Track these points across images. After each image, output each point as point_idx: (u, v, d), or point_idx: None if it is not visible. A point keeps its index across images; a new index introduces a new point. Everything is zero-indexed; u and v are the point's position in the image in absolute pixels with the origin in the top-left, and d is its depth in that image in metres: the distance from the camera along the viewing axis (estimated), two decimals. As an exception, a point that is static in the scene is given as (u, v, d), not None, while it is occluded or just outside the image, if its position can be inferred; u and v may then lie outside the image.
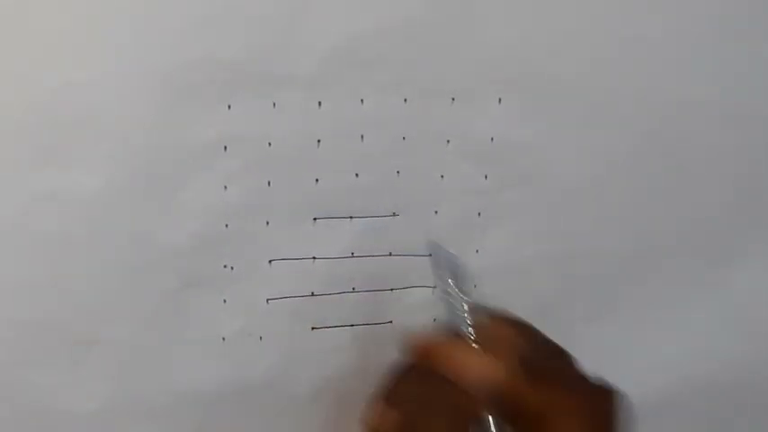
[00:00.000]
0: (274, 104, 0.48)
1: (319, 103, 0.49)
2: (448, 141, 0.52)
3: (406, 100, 0.51)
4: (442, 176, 0.53)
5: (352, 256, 0.52)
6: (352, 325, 0.52)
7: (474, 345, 0.47)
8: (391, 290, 0.53)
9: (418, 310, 0.54)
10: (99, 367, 0.50)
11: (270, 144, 0.49)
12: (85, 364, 0.49)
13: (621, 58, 0.54)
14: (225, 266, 0.50)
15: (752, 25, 0.56)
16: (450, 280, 0.48)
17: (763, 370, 0.62)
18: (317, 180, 0.50)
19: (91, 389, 0.50)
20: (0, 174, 0.45)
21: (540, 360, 0.47)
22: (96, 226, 0.47)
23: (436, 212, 0.53)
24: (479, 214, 0.54)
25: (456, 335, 0.47)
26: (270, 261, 0.51)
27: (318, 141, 0.50)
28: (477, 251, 0.55)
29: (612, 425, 0.46)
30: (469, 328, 0.47)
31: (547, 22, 0.52)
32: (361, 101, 0.50)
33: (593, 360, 0.58)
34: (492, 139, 0.53)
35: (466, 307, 0.48)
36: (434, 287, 0.50)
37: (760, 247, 0.60)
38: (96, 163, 0.46)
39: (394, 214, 0.52)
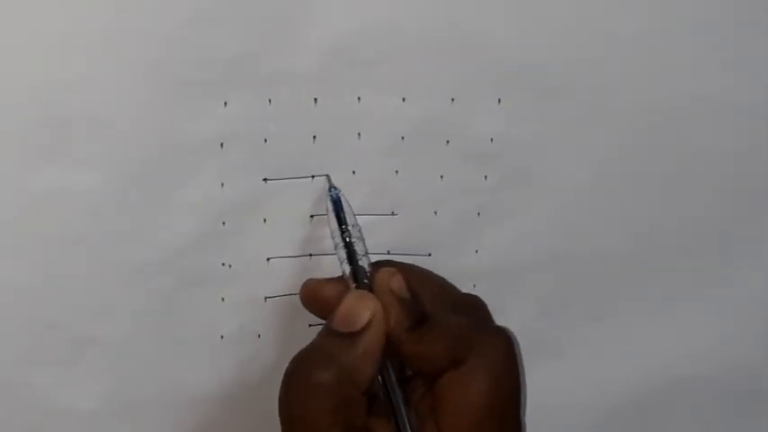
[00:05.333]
0: (270, 101, 0.49)
1: (315, 100, 0.49)
2: (447, 141, 0.52)
3: (404, 99, 0.51)
4: (441, 176, 0.53)
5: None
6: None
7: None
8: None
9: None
10: (97, 366, 0.50)
11: (266, 141, 0.49)
12: (83, 363, 0.49)
13: (622, 57, 0.54)
14: (223, 264, 0.50)
15: (752, 25, 0.56)
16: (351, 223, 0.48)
17: (763, 369, 0.61)
18: (312, 177, 0.51)
19: (89, 387, 0.50)
20: (-2, 173, 0.46)
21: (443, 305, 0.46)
22: (93, 224, 0.47)
23: (435, 212, 0.53)
24: (479, 214, 0.54)
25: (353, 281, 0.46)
26: (268, 259, 0.51)
27: (314, 138, 0.50)
28: (476, 251, 0.55)
29: (520, 366, 0.45)
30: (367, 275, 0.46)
31: (547, 21, 0.52)
32: (358, 98, 0.50)
33: (593, 360, 0.59)
34: (492, 139, 0.53)
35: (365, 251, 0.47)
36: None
37: (760, 247, 0.60)
38: (92, 161, 0.46)
39: (392, 213, 0.53)
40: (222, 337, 0.52)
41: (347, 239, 0.47)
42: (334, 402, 0.41)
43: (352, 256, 0.47)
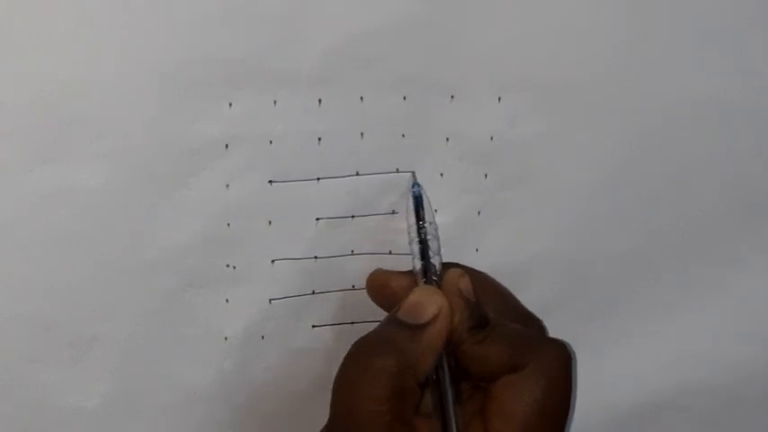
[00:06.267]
0: (275, 102, 0.48)
1: (319, 101, 0.49)
2: (447, 140, 0.52)
3: (405, 98, 0.51)
4: (441, 175, 0.53)
5: (353, 254, 0.52)
6: (353, 323, 0.52)
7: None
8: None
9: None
10: (100, 365, 0.50)
11: (271, 142, 0.49)
12: (87, 363, 0.49)
13: (622, 57, 0.54)
14: (227, 266, 0.51)
15: (753, 26, 0.56)
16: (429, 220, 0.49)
17: (763, 371, 0.62)
18: (318, 179, 0.51)
19: (92, 387, 0.50)
20: (0, 172, 0.46)
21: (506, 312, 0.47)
22: (98, 225, 0.47)
23: (436, 211, 0.53)
24: (479, 213, 0.55)
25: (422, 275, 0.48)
26: (272, 261, 0.51)
27: (319, 139, 0.50)
28: (476, 250, 0.55)
29: (574, 381, 0.45)
30: (437, 271, 0.48)
31: (547, 21, 0.52)
32: (361, 98, 0.50)
33: (593, 361, 0.59)
34: (492, 138, 0.53)
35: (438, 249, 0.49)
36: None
37: (760, 248, 0.60)
38: (97, 162, 0.46)
39: (393, 212, 0.53)
40: (226, 338, 0.52)
41: (423, 236, 0.49)
42: (391, 389, 0.42)
43: (425, 252, 0.48)
